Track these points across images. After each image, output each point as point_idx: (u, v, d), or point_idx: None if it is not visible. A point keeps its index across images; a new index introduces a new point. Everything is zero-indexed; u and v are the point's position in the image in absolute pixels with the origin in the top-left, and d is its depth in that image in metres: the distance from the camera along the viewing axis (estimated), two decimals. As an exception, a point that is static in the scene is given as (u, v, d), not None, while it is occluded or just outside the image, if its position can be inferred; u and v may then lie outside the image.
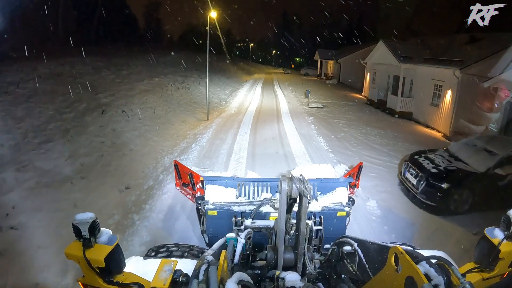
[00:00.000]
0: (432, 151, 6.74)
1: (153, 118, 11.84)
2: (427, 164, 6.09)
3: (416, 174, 6.06)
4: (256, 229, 2.95)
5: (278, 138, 10.84)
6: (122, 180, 7.46)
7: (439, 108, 13.93)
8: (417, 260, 1.46)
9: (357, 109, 17.42)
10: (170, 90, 16.34)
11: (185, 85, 18.94)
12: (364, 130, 11.95)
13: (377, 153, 9.17)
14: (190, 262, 2.26)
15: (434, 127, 14.10)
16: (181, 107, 14.82)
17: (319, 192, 3.55)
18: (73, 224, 1.50)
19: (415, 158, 6.44)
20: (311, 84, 32.14)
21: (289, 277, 1.64)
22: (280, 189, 1.93)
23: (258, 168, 7.77)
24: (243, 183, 3.57)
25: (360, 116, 15.27)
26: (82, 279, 1.60)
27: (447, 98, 13.31)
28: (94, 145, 8.56)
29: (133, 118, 10.97)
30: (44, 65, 13.09)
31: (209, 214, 3.36)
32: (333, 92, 24.98)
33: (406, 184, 6.41)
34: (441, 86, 13.95)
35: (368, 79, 22.67)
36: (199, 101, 17.01)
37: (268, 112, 15.96)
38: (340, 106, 17.94)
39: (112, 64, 17.13)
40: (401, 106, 15.88)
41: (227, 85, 27.12)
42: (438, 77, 14.05)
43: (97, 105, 10.76)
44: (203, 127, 12.41)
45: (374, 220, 5.67)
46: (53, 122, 9.01)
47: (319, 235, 3.00)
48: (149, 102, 13.11)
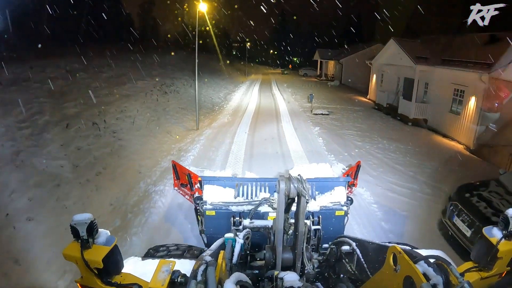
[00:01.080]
0: (483, 186, 5.20)
1: (132, 130, 10.20)
2: (484, 209, 4.55)
3: (471, 223, 4.51)
4: (255, 229, 2.93)
5: (280, 156, 9.23)
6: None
7: (460, 117, 12.44)
8: (416, 260, 1.47)
9: (366, 115, 15.87)
10: (156, 95, 14.69)
11: (173, 89, 17.30)
12: (380, 145, 10.37)
13: (402, 177, 7.58)
14: (188, 263, 2.29)
15: (454, 137, 12.61)
16: (167, 115, 13.19)
17: (318, 191, 3.57)
18: (71, 225, 1.52)
19: (466, 197, 4.89)
20: (312, 85, 30.65)
21: (288, 277, 1.67)
22: (278, 189, 1.93)
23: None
24: (241, 183, 3.60)
25: (371, 124, 13.71)
26: (80, 280, 1.60)
27: (471, 106, 11.82)
28: (50, 171, 6.90)
29: (106, 131, 9.32)
30: (11, 69, 11.40)
31: (207, 214, 3.38)
32: (336, 95, 23.44)
33: (453, 232, 4.86)
34: (462, 91, 12.46)
35: (375, 81, 21.18)
36: (188, 107, 15.39)
37: (266, 120, 14.34)
38: (347, 112, 16.38)
39: (92, 65, 15.44)
40: (416, 113, 14.36)
41: (222, 87, 25.53)
42: (459, 81, 12.56)
43: (62, 117, 9.06)
44: (191, 139, 10.78)
45: None
46: (0, 142, 7.34)
47: (318, 234, 3.03)
48: (128, 110, 11.46)
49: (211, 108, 17.90)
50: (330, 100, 20.79)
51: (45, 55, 15.07)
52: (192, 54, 13.86)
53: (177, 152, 9.43)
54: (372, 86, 21.58)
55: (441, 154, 10.18)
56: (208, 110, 17.26)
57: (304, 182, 1.95)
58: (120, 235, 5.27)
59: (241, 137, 11.21)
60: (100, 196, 6.73)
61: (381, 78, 20.02)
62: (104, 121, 9.71)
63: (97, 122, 9.48)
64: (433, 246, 5.15)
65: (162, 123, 11.99)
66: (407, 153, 9.55)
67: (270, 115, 15.68)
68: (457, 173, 8.18)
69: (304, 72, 45.87)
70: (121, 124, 10.16)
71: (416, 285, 1.38)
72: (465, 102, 12.18)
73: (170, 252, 3.05)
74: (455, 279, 1.41)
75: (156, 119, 12.05)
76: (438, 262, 1.51)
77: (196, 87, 12.71)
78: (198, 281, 1.41)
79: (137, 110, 11.74)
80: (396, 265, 1.57)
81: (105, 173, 7.58)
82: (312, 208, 3.32)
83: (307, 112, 16.03)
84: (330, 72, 37.92)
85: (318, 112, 15.76)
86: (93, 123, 9.34)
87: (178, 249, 3.12)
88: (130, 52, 21.75)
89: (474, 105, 11.63)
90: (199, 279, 1.42)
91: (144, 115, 11.71)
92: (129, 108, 11.63)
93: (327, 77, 38.27)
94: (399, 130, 13.18)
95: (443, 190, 6.91)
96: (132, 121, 10.70)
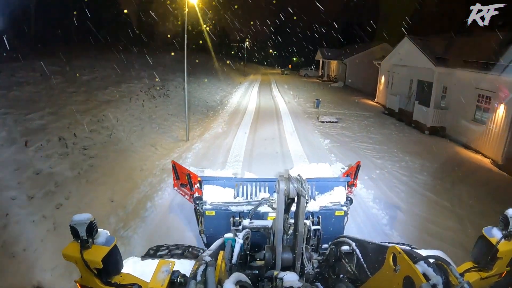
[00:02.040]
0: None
1: (108, 145, 8.81)
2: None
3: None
4: (254, 229, 2.94)
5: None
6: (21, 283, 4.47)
7: (485, 126, 11.10)
8: (416, 260, 1.47)
9: (378, 123, 14.46)
10: (142, 100, 13.29)
11: (163, 92, 15.90)
12: (403, 163, 8.95)
13: (438, 212, 6.12)
14: (188, 263, 2.32)
15: (477, 149, 11.25)
16: (153, 123, 11.79)
17: (317, 191, 3.60)
18: (71, 225, 1.52)
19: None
20: (314, 87, 29.21)
21: (287, 277, 1.69)
22: (278, 189, 1.94)
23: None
24: (241, 183, 3.64)
25: (387, 135, 12.31)
26: (80, 280, 1.61)
27: (499, 114, 10.47)
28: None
29: (74, 148, 7.91)
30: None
31: (207, 215, 3.40)
32: (341, 98, 22.05)
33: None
34: (489, 97, 11.11)
35: (383, 83, 19.82)
36: (179, 113, 13.99)
37: (267, 129, 12.93)
38: (357, 119, 14.99)
39: (71, 68, 14.03)
40: (434, 120, 13.01)
41: (219, 89, 24.14)
42: (485, 86, 11.20)
43: (23, 133, 7.63)
44: (178, 155, 9.39)
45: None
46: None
47: (317, 235, 3.02)
48: (107, 119, 10.05)
49: (205, 113, 16.50)
50: (335, 103, 19.41)
51: (24, 55, 13.61)
52: (196, 55, 12.46)
53: (160, 173, 8.03)
54: (381, 88, 20.23)
55: (470, 172, 8.82)
56: (202, 115, 15.88)
57: (304, 182, 1.95)
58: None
59: (237, 148, 9.86)
60: (57, 239, 5.34)
61: (391, 80, 18.67)
62: (74, 135, 8.30)
63: (65, 136, 8.06)
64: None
65: (146, 134, 10.59)
66: (436, 174, 8.13)
67: (271, 122, 14.25)
68: (497, 198, 6.88)
69: (305, 72, 44.57)
70: (95, 138, 8.76)
71: (415, 285, 1.37)
72: (492, 110, 10.83)
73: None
74: (455, 279, 1.40)
75: (140, 129, 10.65)
76: (438, 262, 1.49)
77: (186, 93, 11.30)
78: (197, 281, 1.42)
79: (117, 119, 10.34)
80: (396, 265, 1.55)
81: (67, 205, 6.19)
82: (311, 208, 3.34)
83: (313, 119, 14.63)
84: (333, 72, 36.58)
85: (325, 119, 14.32)
86: (59, 138, 7.93)
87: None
88: (123, 52, 20.31)
89: (504, 114, 10.28)
90: (198, 279, 1.44)
91: (125, 125, 10.31)
92: (108, 117, 10.22)
93: (329, 78, 36.93)
94: (418, 141, 11.80)
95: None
96: (110, 134, 9.30)
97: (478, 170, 9.24)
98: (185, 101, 11.43)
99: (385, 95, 18.83)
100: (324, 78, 37.95)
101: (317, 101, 15.79)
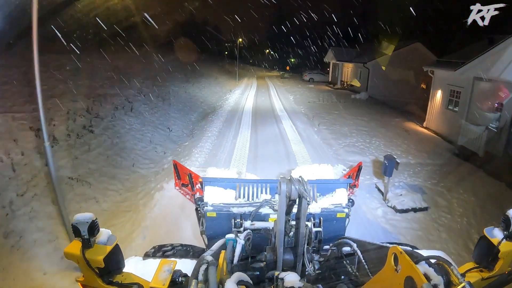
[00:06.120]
0: None
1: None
2: None
3: None
4: (256, 230, 3.02)
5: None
6: None
7: None
8: (417, 260, 1.48)
9: (465, 186, 8.44)
10: (76, 131, 7.79)
11: (106, 124, 10.18)
12: None
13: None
14: (189, 262, 2.46)
15: None
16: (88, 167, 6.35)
17: (319, 193, 3.67)
18: (72, 224, 1.54)
19: None
20: (332, 100, 22.60)
21: (288, 277, 1.69)
22: (279, 191, 1.96)
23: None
24: (243, 185, 3.68)
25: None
26: (82, 280, 1.64)
27: None
28: None
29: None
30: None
31: (208, 216, 3.46)
32: (378, 121, 16.01)
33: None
34: None
35: (440, 101, 14.69)
36: (137, 148, 8.53)
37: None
38: (434, 180, 8.88)
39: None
40: None
41: (202, 103, 18.09)
42: None
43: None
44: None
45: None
46: None
47: (319, 236, 3.08)
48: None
49: (173, 150, 10.96)
50: (379, 135, 13.21)
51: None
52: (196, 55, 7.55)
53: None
54: (435, 109, 15.09)
55: None
56: (171, 152, 10.38)
57: (306, 184, 1.97)
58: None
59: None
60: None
61: (454, 98, 13.57)
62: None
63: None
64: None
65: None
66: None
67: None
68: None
69: (310, 77, 38.75)
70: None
71: (417, 285, 1.36)
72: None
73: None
74: (456, 279, 1.43)
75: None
76: (439, 262, 1.51)
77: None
78: (199, 281, 1.44)
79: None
80: (397, 265, 1.52)
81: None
82: (313, 210, 3.40)
83: (375, 200, 7.64)
84: (347, 78, 31.55)
85: (404, 205, 7.21)
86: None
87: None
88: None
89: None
90: (200, 278, 1.45)
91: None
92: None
93: (342, 84, 31.82)
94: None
95: None
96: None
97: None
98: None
99: (444, 119, 13.89)
100: (337, 84, 32.76)
101: (389, 163, 7.33)
